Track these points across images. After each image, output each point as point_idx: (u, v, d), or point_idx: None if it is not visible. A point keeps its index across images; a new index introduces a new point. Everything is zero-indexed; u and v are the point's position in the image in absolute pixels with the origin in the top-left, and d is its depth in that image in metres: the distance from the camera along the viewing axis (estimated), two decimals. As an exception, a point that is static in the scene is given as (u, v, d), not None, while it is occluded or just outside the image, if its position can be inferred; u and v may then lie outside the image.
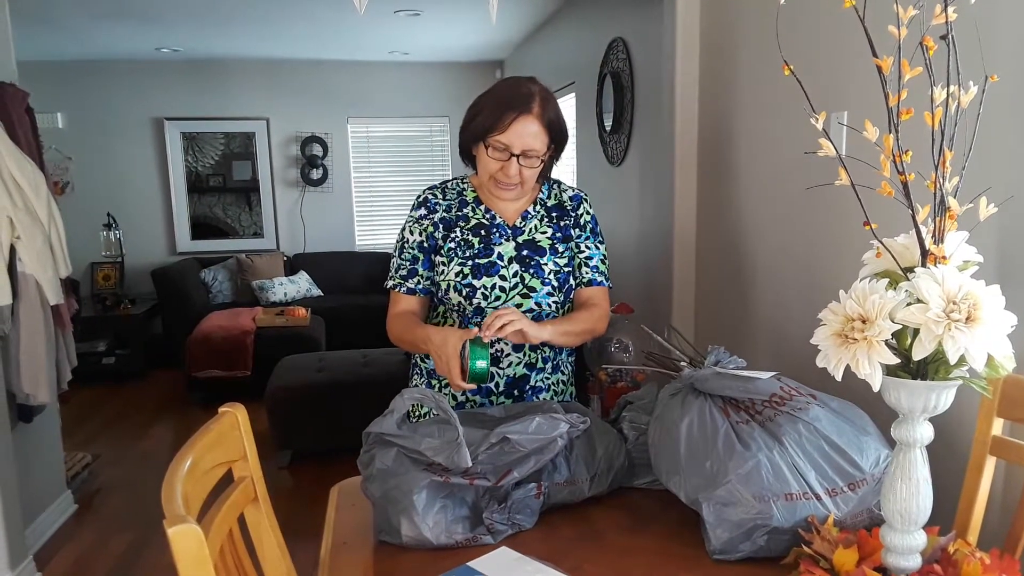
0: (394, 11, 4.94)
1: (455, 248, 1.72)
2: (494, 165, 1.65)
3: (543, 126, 1.63)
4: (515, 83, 1.67)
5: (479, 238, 1.73)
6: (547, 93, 1.67)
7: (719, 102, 2.73)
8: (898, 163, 0.98)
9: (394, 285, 1.78)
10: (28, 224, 2.85)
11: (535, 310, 1.72)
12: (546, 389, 1.80)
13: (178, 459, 1.07)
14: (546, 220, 1.78)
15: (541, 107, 1.63)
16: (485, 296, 1.70)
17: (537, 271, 1.72)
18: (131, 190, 6.70)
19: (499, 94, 1.66)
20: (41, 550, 3.15)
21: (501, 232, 1.74)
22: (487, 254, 1.71)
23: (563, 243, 1.77)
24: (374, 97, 7.06)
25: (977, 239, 1.04)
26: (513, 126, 1.60)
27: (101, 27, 5.23)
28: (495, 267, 1.71)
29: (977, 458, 1.35)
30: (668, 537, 1.33)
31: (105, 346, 5.94)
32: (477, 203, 1.78)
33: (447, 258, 1.72)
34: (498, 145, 1.62)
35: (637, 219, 3.94)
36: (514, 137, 1.61)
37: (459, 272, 1.70)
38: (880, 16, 1.02)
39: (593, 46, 4.41)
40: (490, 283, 1.70)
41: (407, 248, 1.77)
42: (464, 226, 1.75)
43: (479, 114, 1.65)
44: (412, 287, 1.76)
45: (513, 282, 1.71)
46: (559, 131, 1.68)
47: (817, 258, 2.14)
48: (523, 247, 1.73)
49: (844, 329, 0.96)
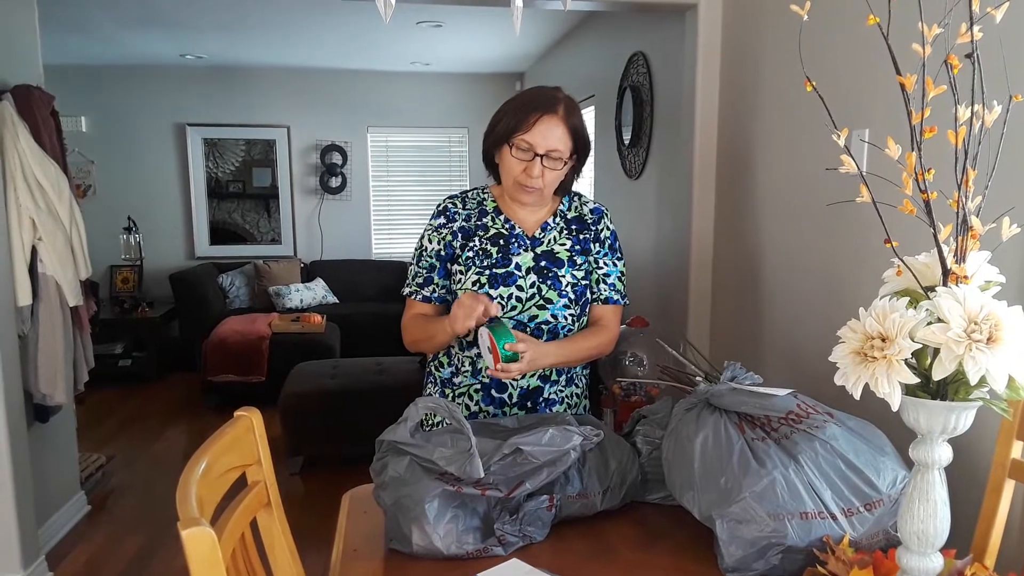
0: (416, 22, 4.97)
1: (473, 257, 1.72)
2: (518, 166, 1.65)
3: (567, 129, 1.64)
4: (540, 89, 1.70)
5: (497, 248, 1.73)
6: (572, 101, 1.68)
7: (739, 117, 2.73)
8: (921, 181, 0.97)
9: (410, 292, 1.79)
10: (50, 226, 2.89)
11: (551, 322, 1.71)
12: (559, 402, 1.80)
13: (193, 461, 1.08)
14: (565, 232, 1.78)
15: (566, 111, 1.64)
16: (501, 306, 1.69)
17: (554, 283, 1.72)
18: (152, 194, 6.77)
19: (524, 97, 1.68)
20: (53, 550, 3.16)
21: (520, 242, 1.74)
22: (504, 264, 1.71)
23: (581, 255, 1.76)
24: (394, 107, 7.10)
25: (999, 259, 1.03)
26: (538, 125, 1.61)
27: (127, 33, 5.30)
28: (512, 277, 1.70)
29: (996, 481, 1.34)
30: (680, 553, 1.32)
31: (122, 348, 5.99)
32: (497, 213, 1.77)
33: (464, 267, 1.72)
34: (522, 144, 1.63)
35: (654, 232, 3.93)
36: (538, 137, 1.61)
37: (476, 281, 1.70)
38: (904, 34, 1.02)
39: (613, 60, 4.42)
40: (507, 293, 1.69)
41: (425, 256, 1.77)
42: (483, 235, 1.74)
43: (503, 117, 1.67)
44: (428, 295, 1.77)
45: (530, 293, 1.71)
46: (582, 139, 1.68)
47: (836, 275, 2.13)
48: (541, 258, 1.73)
49: (863, 347, 0.95)
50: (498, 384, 1.73)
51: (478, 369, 1.75)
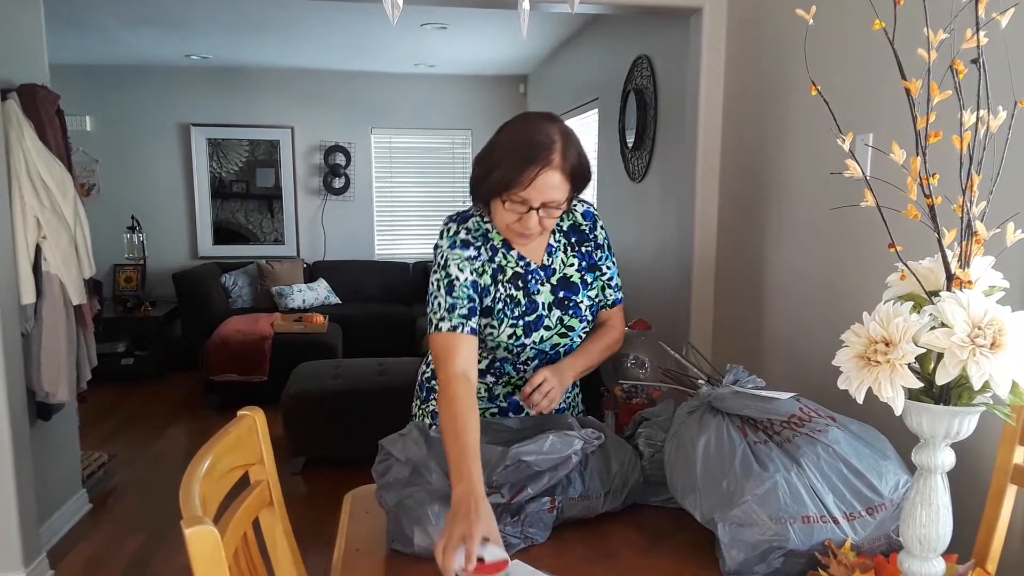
0: (421, 24, 4.98)
1: (503, 309, 1.62)
2: (511, 217, 1.53)
3: (565, 176, 1.50)
4: (532, 128, 1.51)
5: (522, 292, 1.63)
6: (567, 135, 1.52)
7: (743, 121, 2.73)
8: (925, 186, 0.97)
9: (456, 326, 1.53)
10: (54, 224, 2.89)
11: (574, 342, 1.71)
12: (566, 408, 1.80)
13: (197, 460, 1.08)
14: (569, 250, 1.70)
15: (562, 155, 1.48)
16: (534, 346, 1.67)
17: (575, 311, 1.67)
18: (156, 194, 6.78)
19: (516, 144, 1.50)
20: (55, 548, 3.16)
21: (536, 277, 1.65)
22: (532, 309, 1.63)
23: (591, 272, 1.71)
24: (398, 108, 7.11)
25: (1003, 264, 1.03)
26: (535, 182, 1.47)
27: (133, 33, 5.31)
28: (540, 319, 1.64)
29: (998, 486, 1.34)
30: (682, 556, 1.32)
31: (124, 347, 6.00)
32: (506, 248, 1.64)
33: (497, 320, 1.62)
34: (516, 199, 1.50)
35: (657, 235, 3.93)
36: (534, 192, 1.48)
37: (512, 335, 1.63)
38: (910, 39, 1.02)
39: (618, 63, 4.43)
40: (538, 336, 1.65)
41: (460, 286, 1.56)
42: (503, 279, 1.63)
43: (496, 168, 1.50)
44: (475, 327, 1.56)
45: (556, 328, 1.67)
46: (581, 176, 1.55)
47: (839, 279, 2.13)
48: (558, 288, 1.67)
49: (867, 351, 0.95)
50: (516, 408, 1.72)
51: (495, 395, 1.73)
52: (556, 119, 1.54)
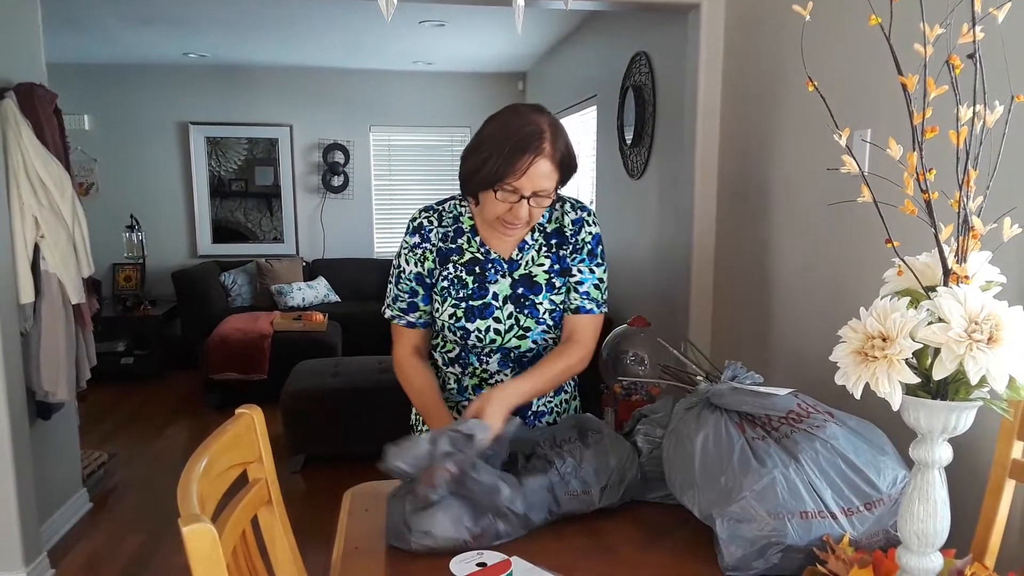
0: (419, 21, 4.97)
1: (448, 287, 1.64)
2: (502, 207, 1.54)
3: (555, 165, 1.52)
4: (521, 118, 1.52)
5: (473, 276, 1.64)
6: (555, 125, 1.54)
7: (741, 117, 2.73)
8: (922, 181, 0.97)
9: (393, 316, 1.70)
10: (53, 223, 2.89)
11: (533, 348, 1.68)
12: (548, 412, 1.78)
13: (195, 459, 1.08)
14: (544, 250, 1.67)
15: (552, 144, 1.50)
16: (479, 339, 1.65)
17: (532, 311, 1.64)
18: (154, 193, 6.78)
19: (507, 134, 1.50)
20: (55, 547, 3.17)
21: (496, 267, 1.65)
22: (481, 295, 1.63)
23: (560, 276, 1.66)
24: (397, 106, 7.11)
25: (1000, 259, 1.03)
26: (528, 171, 1.49)
27: (130, 31, 5.31)
28: (489, 309, 1.63)
29: (996, 481, 1.34)
30: (680, 552, 1.32)
31: (124, 346, 6.01)
32: (473, 233, 1.67)
33: (441, 297, 1.65)
34: (509, 188, 1.51)
35: (656, 232, 3.93)
36: (526, 181, 1.49)
37: (452, 314, 1.64)
38: (906, 34, 1.02)
39: (616, 59, 4.42)
40: (484, 326, 1.64)
41: (404, 279, 1.67)
42: (457, 260, 1.65)
43: (488, 159, 1.50)
44: (413, 321, 1.69)
45: (508, 324, 1.65)
46: (569, 165, 1.57)
47: (837, 275, 2.13)
48: (519, 284, 1.65)
49: (864, 347, 0.95)
50: None
51: (464, 387, 1.72)
52: (544, 110, 1.57)
